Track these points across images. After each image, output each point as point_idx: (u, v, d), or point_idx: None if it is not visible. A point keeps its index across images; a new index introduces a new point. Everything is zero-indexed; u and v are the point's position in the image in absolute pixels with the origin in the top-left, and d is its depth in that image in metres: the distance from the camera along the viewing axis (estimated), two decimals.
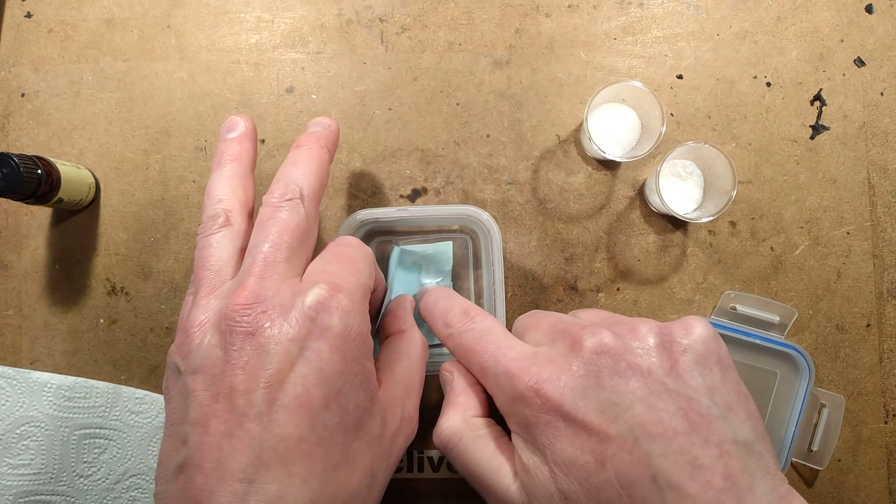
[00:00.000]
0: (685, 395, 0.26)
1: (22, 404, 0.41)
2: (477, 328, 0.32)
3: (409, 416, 0.30)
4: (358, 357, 0.26)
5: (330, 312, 0.26)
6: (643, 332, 0.28)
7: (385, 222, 0.43)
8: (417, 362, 0.33)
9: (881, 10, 0.47)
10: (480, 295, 0.45)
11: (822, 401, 0.44)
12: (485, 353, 0.30)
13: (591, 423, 0.26)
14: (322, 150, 0.33)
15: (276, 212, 0.29)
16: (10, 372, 0.42)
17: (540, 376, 0.27)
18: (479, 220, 0.41)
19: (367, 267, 0.30)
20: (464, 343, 0.31)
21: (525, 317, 0.34)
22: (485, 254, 0.44)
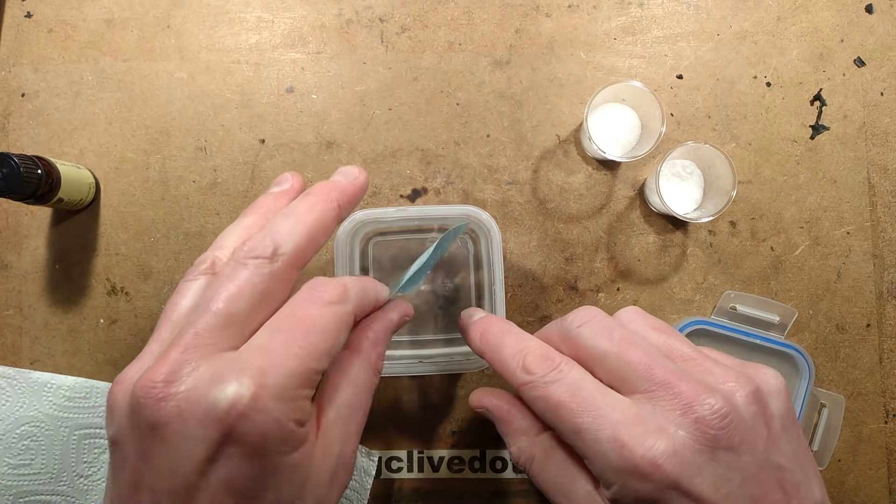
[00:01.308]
0: (780, 466, 0.26)
1: (22, 404, 0.41)
2: (567, 379, 0.28)
3: (346, 463, 0.27)
4: (282, 459, 0.23)
5: (247, 418, 0.22)
6: (743, 396, 0.27)
7: (384, 222, 0.43)
8: (364, 393, 0.28)
9: (881, 10, 0.47)
10: (481, 295, 0.45)
11: (822, 401, 0.44)
12: (583, 412, 0.27)
13: (707, 499, 0.25)
14: (329, 205, 0.29)
15: (237, 269, 0.25)
16: (10, 372, 0.42)
17: (657, 449, 0.25)
18: (479, 220, 0.41)
19: (323, 340, 0.25)
20: (551, 396, 0.28)
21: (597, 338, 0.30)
22: (485, 254, 0.44)
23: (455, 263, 0.45)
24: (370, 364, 0.29)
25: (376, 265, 0.45)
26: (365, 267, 0.45)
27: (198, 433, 0.22)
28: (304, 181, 0.33)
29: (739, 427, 0.26)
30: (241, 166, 0.46)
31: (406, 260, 0.45)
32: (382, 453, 0.45)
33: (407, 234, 0.45)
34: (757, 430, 0.26)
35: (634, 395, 0.27)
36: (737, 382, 0.27)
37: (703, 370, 0.28)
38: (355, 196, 0.31)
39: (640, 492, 0.25)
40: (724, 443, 0.25)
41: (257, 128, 0.46)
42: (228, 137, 0.46)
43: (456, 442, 0.45)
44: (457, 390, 0.45)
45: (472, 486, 0.45)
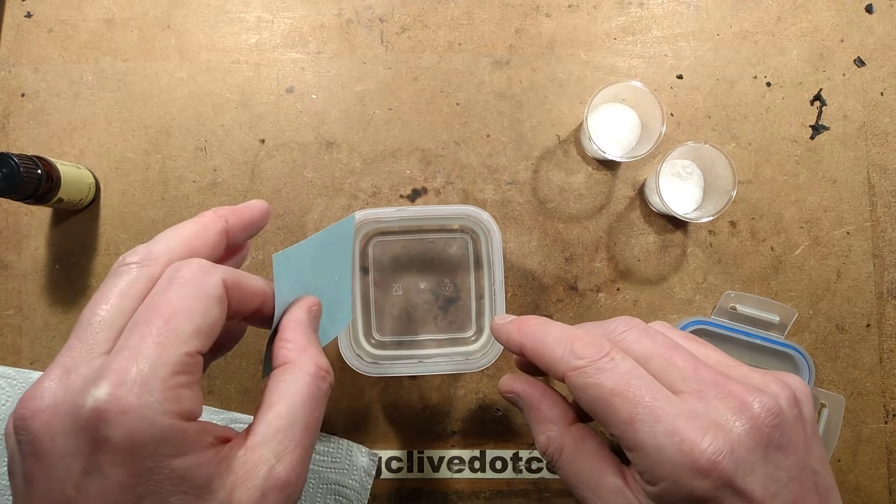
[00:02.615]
0: (815, 469, 0.27)
1: None
2: (621, 368, 0.27)
3: (279, 483, 0.24)
4: (159, 462, 0.22)
5: (108, 422, 0.21)
6: (785, 399, 0.27)
7: (384, 222, 0.43)
8: (303, 404, 0.26)
9: (881, 10, 0.47)
10: (481, 295, 0.45)
11: (822, 401, 0.44)
12: (638, 403, 0.26)
13: (757, 497, 0.25)
14: (215, 218, 0.29)
15: (108, 278, 0.25)
16: (9, 372, 0.42)
17: (716, 445, 0.25)
18: (480, 219, 0.41)
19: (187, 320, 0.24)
20: (605, 383, 0.27)
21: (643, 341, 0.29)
22: (485, 253, 0.44)
23: (455, 263, 0.45)
24: (303, 371, 0.27)
25: (376, 265, 0.45)
26: (365, 266, 0.45)
27: (69, 446, 0.21)
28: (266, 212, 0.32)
29: (786, 428, 0.26)
30: (241, 166, 0.46)
31: (406, 259, 0.45)
32: (382, 453, 0.45)
33: (407, 235, 0.45)
34: (798, 432, 0.26)
35: (683, 394, 0.27)
36: (778, 386, 0.27)
37: (743, 374, 0.28)
38: (250, 217, 0.31)
39: (694, 489, 0.25)
40: (776, 442, 0.25)
41: (257, 128, 0.46)
42: (228, 137, 0.46)
43: (456, 442, 0.45)
44: (457, 390, 0.45)
45: (472, 486, 0.45)
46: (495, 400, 0.45)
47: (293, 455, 0.25)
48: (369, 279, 0.45)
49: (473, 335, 0.45)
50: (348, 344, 0.40)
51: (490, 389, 0.45)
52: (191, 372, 0.23)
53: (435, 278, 0.45)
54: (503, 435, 0.45)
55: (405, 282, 0.45)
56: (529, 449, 0.45)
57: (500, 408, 0.45)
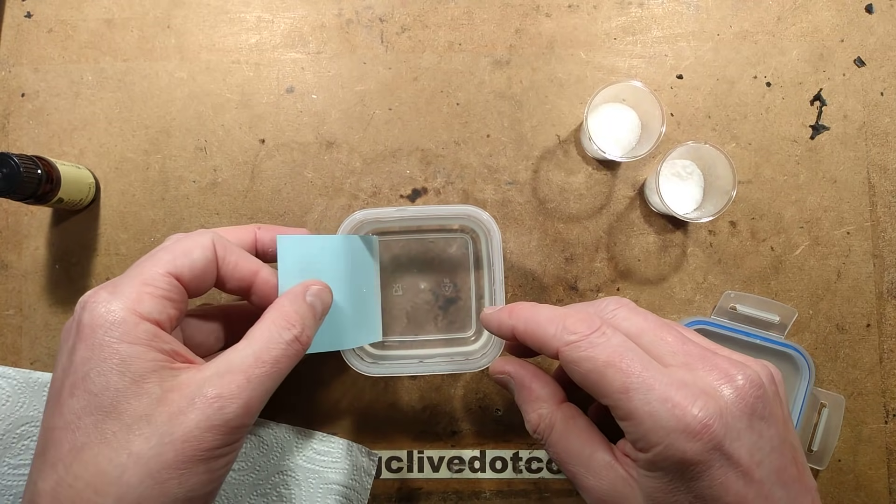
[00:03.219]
0: (792, 444, 0.28)
1: (22, 404, 0.41)
2: (613, 342, 0.28)
3: (214, 395, 0.28)
4: (110, 342, 0.27)
5: (84, 308, 0.28)
6: (765, 375, 0.28)
7: (384, 222, 0.43)
8: (257, 341, 0.30)
9: (881, 10, 0.47)
10: (481, 295, 0.45)
11: (822, 401, 0.44)
12: (631, 373, 0.27)
13: (744, 463, 0.26)
14: (251, 227, 0.38)
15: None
16: (10, 372, 0.42)
17: (708, 409, 0.26)
18: (480, 219, 0.41)
19: (167, 253, 0.31)
20: (598, 356, 0.28)
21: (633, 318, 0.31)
22: (485, 254, 0.44)
23: (454, 264, 0.45)
24: (272, 321, 0.31)
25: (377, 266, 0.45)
26: None
27: (68, 329, 0.29)
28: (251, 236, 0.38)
29: (768, 400, 0.27)
30: (241, 166, 0.46)
31: (406, 259, 0.45)
32: (382, 453, 0.45)
33: (407, 235, 0.45)
34: (777, 407, 0.28)
35: (671, 367, 0.28)
36: (758, 364, 0.29)
37: (728, 353, 0.30)
38: (284, 231, 0.37)
39: (687, 451, 0.26)
40: (759, 412, 0.27)
41: (257, 128, 0.46)
42: (228, 137, 0.46)
43: (456, 442, 0.45)
44: (457, 390, 0.45)
45: (472, 486, 0.45)
46: (495, 400, 0.45)
47: (235, 377, 0.29)
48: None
49: (473, 335, 0.45)
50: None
51: (490, 389, 0.45)
52: (160, 286, 0.30)
53: (435, 278, 0.45)
54: (503, 435, 0.45)
55: (405, 282, 0.45)
56: (529, 449, 0.45)
57: (499, 408, 0.45)
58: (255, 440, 0.43)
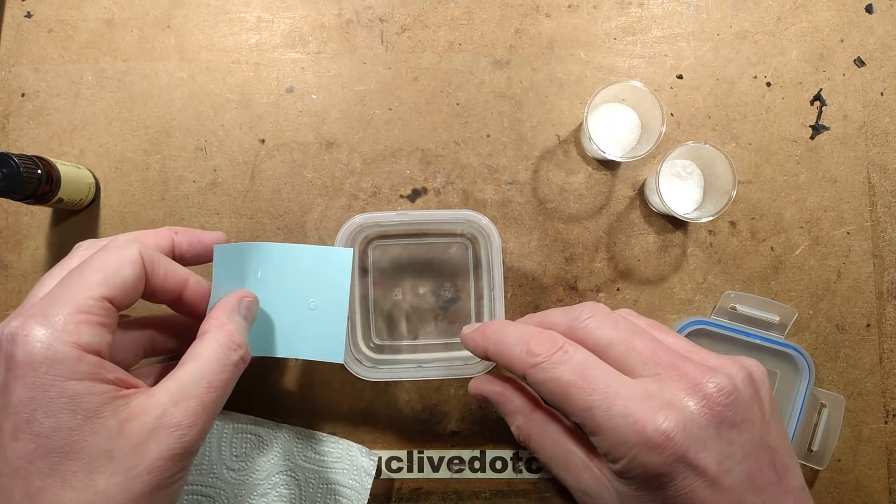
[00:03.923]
0: (771, 447, 0.28)
1: None
2: (575, 360, 0.29)
3: (171, 423, 0.27)
4: (54, 381, 0.25)
5: (15, 343, 0.26)
6: (741, 379, 0.28)
7: (384, 226, 0.43)
8: (208, 365, 0.29)
9: (881, 10, 0.47)
10: (480, 298, 0.45)
11: (822, 401, 0.44)
12: (593, 391, 0.27)
13: (711, 472, 0.26)
14: (164, 228, 0.36)
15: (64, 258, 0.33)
16: None
17: (668, 423, 0.26)
18: (479, 224, 0.41)
19: (97, 272, 0.29)
20: (560, 376, 0.29)
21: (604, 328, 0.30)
22: (484, 258, 0.44)
23: (454, 268, 0.45)
24: (218, 342, 0.30)
25: (376, 267, 0.45)
26: (365, 269, 0.45)
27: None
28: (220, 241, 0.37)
29: (741, 406, 0.27)
30: (241, 166, 0.46)
31: (406, 263, 0.45)
32: (382, 453, 0.45)
33: (407, 238, 0.45)
34: (754, 411, 0.28)
35: (640, 378, 0.28)
36: (734, 367, 0.28)
37: (702, 357, 0.30)
38: (199, 236, 0.36)
39: (649, 464, 0.26)
40: (729, 419, 0.27)
41: (257, 128, 0.46)
42: (228, 137, 0.46)
43: (456, 442, 0.45)
44: (457, 390, 0.45)
45: (472, 486, 0.45)
46: None
47: (189, 404, 0.28)
48: (369, 282, 0.45)
49: None
50: (347, 347, 0.40)
51: None
52: (96, 313, 0.27)
53: (435, 282, 0.45)
54: (503, 435, 0.45)
55: (405, 285, 0.45)
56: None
57: None
58: (254, 440, 0.43)
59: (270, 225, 0.46)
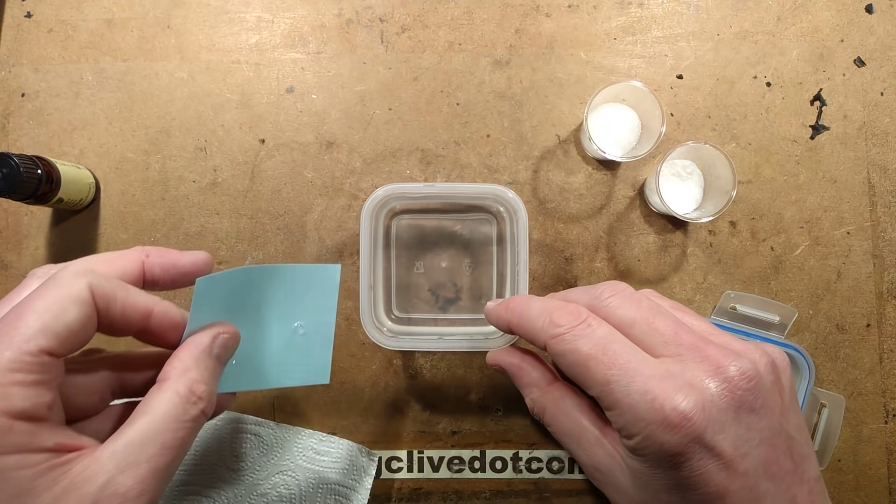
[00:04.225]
0: (790, 435, 0.28)
1: None
2: (597, 334, 0.28)
3: (116, 494, 0.23)
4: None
5: None
6: (763, 365, 0.28)
7: (410, 198, 0.43)
8: (162, 422, 0.25)
9: (881, 10, 0.47)
10: (502, 275, 0.45)
11: (822, 401, 0.44)
12: (613, 365, 0.27)
13: (727, 456, 0.26)
14: (133, 250, 0.30)
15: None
16: None
17: (688, 403, 0.26)
18: (506, 198, 0.41)
19: (36, 318, 0.23)
20: (581, 348, 0.28)
21: (626, 307, 0.30)
22: (509, 233, 0.44)
23: (477, 243, 0.45)
24: (176, 393, 0.26)
25: (399, 242, 0.45)
26: (388, 243, 0.45)
27: None
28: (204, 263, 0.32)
29: (762, 392, 0.27)
30: (241, 166, 0.46)
31: (428, 237, 0.45)
32: (382, 453, 0.45)
33: (430, 213, 0.45)
34: (774, 397, 0.27)
35: (662, 357, 0.28)
36: (757, 352, 0.28)
37: (725, 340, 0.29)
38: (175, 259, 0.30)
39: (665, 443, 0.26)
40: (748, 404, 0.26)
41: (257, 128, 0.46)
42: (228, 137, 0.46)
43: (456, 442, 0.45)
44: (457, 391, 0.45)
45: (472, 486, 0.45)
46: (495, 400, 0.45)
47: (138, 470, 0.24)
48: (392, 255, 0.45)
49: None
50: (370, 317, 0.40)
51: (490, 390, 0.45)
52: (31, 371, 0.23)
53: (457, 257, 0.45)
54: (503, 435, 0.45)
55: (427, 260, 0.45)
56: (529, 449, 0.45)
57: (499, 408, 0.45)
58: (254, 440, 0.43)
59: (270, 225, 0.46)
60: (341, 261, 0.46)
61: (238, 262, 0.46)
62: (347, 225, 0.46)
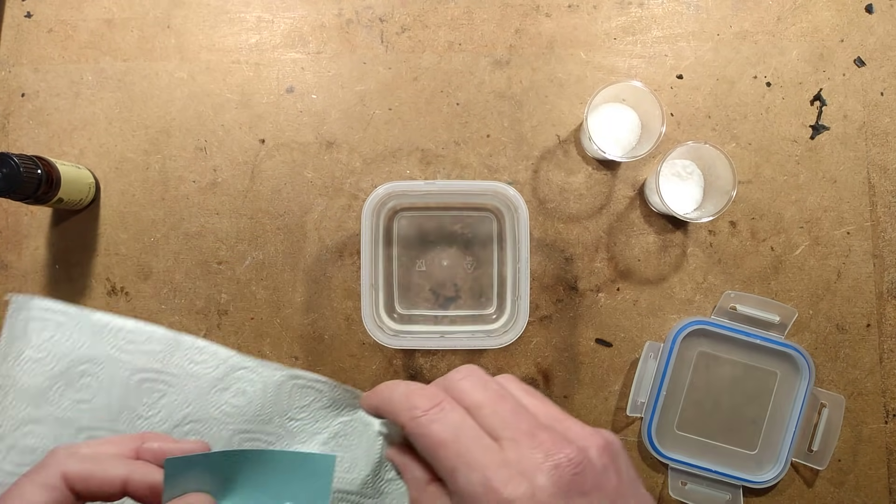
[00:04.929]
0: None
1: (83, 343, 0.42)
2: (448, 419, 0.31)
3: None
4: None
5: None
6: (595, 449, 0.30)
7: (411, 196, 0.43)
8: None
9: (881, 10, 0.47)
10: (503, 272, 0.45)
11: (822, 401, 0.44)
12: (458, 455, 0.29)
13: None
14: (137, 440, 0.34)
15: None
16: (71, 310, 0.42)
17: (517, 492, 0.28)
18: (506, 195, 0.41)
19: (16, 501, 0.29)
20: (433, 434, 0.30)
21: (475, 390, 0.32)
22: (509, 231, 0.44)
23: (478, 241, 0.45)
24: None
25: (400, 240, 0.45)
26: (389, 241, 0.45)
27: None
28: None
29: (592, 475, 0.29)
30: (241, 166, 0.46)
31: (429, 235, 0.45)
32: None
33: (431, 211, 0.46)
34: (608, 478, 0.29)
35: (502, 441, 0.30)
36: (592, 437, 0.30)
37: (564, 427, 0.31)
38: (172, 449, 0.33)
39: None
40: (577, 488, 0.28)
41: (257, 128, 0.46)
42: (228, 137, 0.46)
43: None
44: None
45: None
46: None
47: None
48: (393, 253, 0.45)
49: (494, 313, 0.45)
50: (371, 317, 0.40)
51: None
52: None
53: (458, 255, 0.45)
54: None
55: (428, 258, 0.45)
56: None
57: None
58: (315, 394, 0.43)
59: (270, 225, 0.46)
60: (341, 261, 0.46)
61: (238, 261, 0.46)
62: (347, 225, 0.46)
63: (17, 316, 0.41)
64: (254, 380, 0.42)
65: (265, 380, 0.42)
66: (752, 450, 0.45)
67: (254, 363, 0.42)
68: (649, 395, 0.44)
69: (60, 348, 0.42)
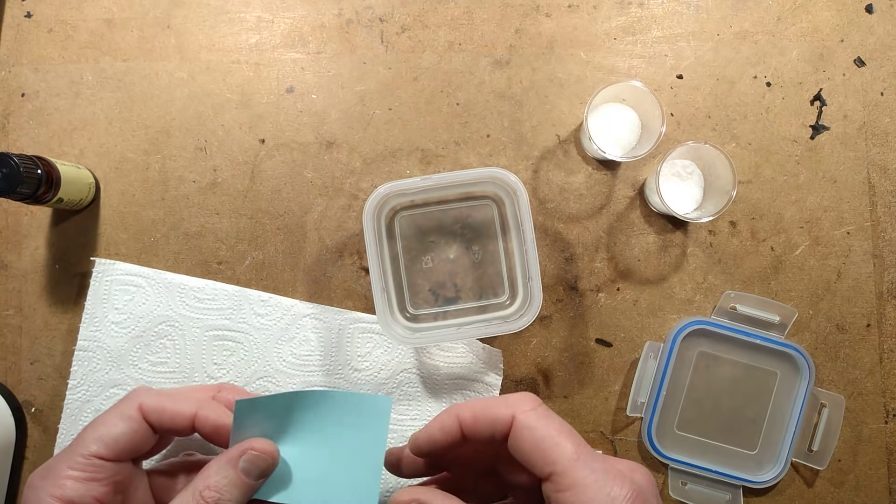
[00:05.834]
0: None
1: (159, 303, 0.44)
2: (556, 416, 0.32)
3: None
4: None
5: (27, 488, 0.32)
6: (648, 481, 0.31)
7: (409, 194, 0.43)
8: None
9: (881, 10, 0.47)
10: (511, 258, 0.45)
11: (822, 401, 0.44)
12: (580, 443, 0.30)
13: None
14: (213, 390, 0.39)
15: None
16: (148, 272, 0.44)
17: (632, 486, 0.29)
18: (505, 181, 0.41)
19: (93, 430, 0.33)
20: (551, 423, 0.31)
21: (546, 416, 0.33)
22: (511, 216, 0.44)
23: (482, 230, 0.45)
24: (191, 494, 0.31)
25: (404, 240, 0.45)
26: (393, 241, 0.45)
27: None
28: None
29: (657, 494, 0.31)
30: (241, 166, 0.46)
31: (432, 231, 0.45)
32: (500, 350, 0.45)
33: (432, 206, 0.45)
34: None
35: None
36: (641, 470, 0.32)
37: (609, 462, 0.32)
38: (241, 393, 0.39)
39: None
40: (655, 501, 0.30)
41: (257, 128, 0.46)
42: (228, 137, 0.46)
43: None
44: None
45: None
46: None
47: None
48: (399, 252, 0.45)
49: (507, 299, 0.45)
50: (387, 320, 0.40)
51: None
52: (83, 470, 0.32)
53: (463, 247, 0.45)
54: None
55: (434, 253, 0.45)
56: None
57: None
58: (377, 339, 0.44)
59: (270, 225, 0.46)
60: (341, 261, 0.46)
61: (238, 261, 0.46)
62: (347, 225, 0.46)
63: (100, 280, 0.44)
64: (317, 326, 0.44)
65: (328, 325, 0.44)
66: (752, 450, 0.45)
67: (316, 309, 0.44)
68: (649, 395, 0.44)
69: (140, 310, 0.44)
